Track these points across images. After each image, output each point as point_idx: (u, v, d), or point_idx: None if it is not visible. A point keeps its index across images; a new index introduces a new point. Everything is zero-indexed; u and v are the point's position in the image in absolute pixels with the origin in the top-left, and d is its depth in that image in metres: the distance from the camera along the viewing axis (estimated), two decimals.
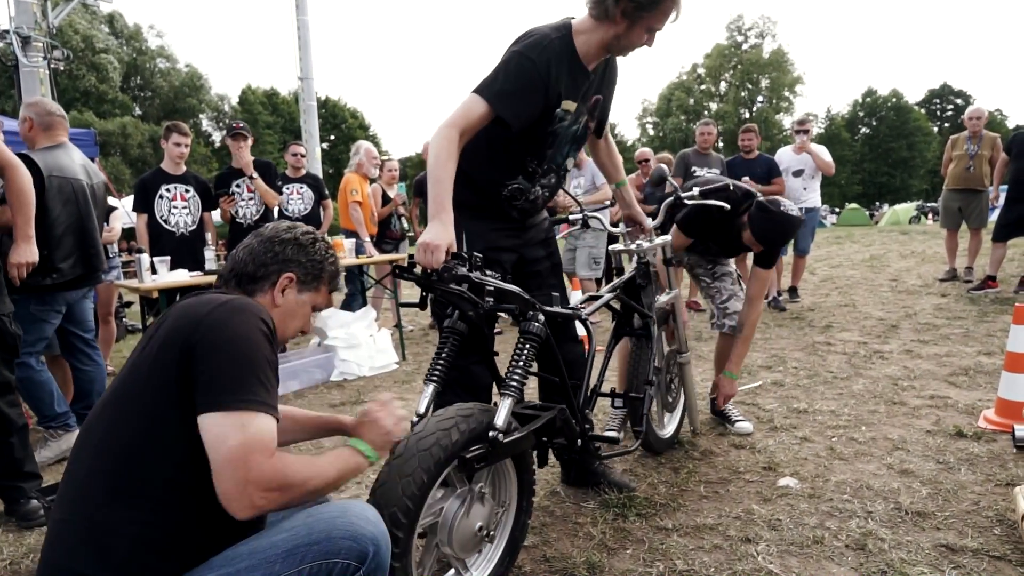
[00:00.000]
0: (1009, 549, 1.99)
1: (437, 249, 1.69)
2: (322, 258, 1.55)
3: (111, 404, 1.28)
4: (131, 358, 1.33)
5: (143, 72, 39.64)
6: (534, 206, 2.21)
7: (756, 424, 3.21)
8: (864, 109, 52.45)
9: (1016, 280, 6.30)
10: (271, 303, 1.47)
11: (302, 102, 10.63)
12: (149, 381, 1.24)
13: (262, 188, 4.93)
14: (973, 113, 6.75)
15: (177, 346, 1.23)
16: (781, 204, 2.73)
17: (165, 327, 1.30)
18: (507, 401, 1.75)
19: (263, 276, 1.48)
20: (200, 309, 1.28)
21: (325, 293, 1.59)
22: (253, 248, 1.50)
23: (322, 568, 1.20)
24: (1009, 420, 2.92)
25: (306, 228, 1.57)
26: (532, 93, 1.92)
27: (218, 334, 1.23)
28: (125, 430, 1.22)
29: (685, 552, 2.09)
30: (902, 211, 26.17)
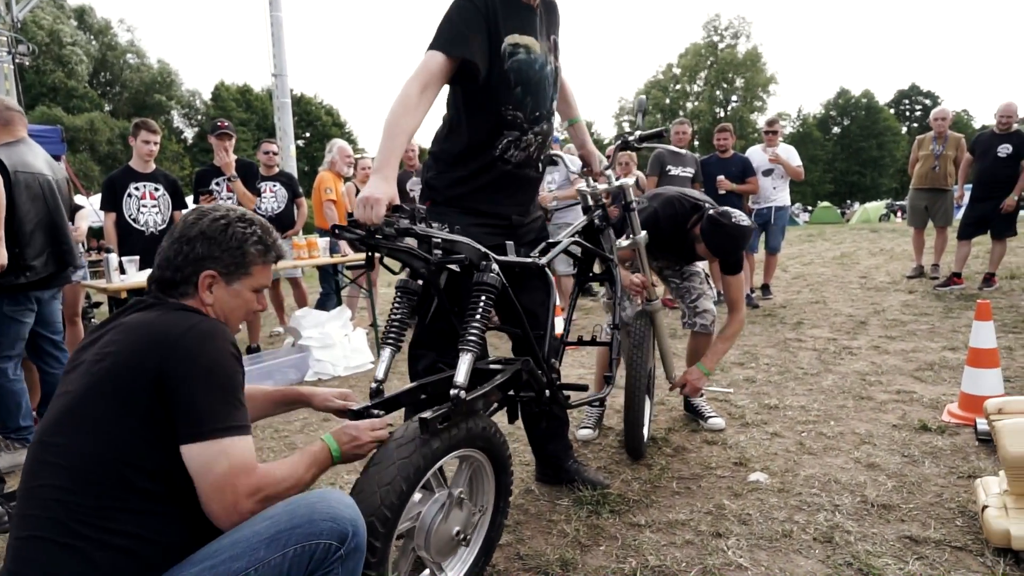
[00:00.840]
0: (970, 540, 2.05)
1: (377, 203, 1.63)
2: (240, 242, 1.44)
3: (68, 421, 1.25)
4: (80, 369, 1.30)
5: (112, 67, 38.82)
6: (528, 157, 2.15)
7: (728, 420, 3.25)
8: (836, 109, 53.32)
9: (980, 277, 6.47)
10: (200, 304, 1.42)
11: (276, 99, 10.50)
12: (116, 401, 1.22)
13: (239, 190, 4.87)
14: (938, 114, 6.91)
15: (147, 374, 1.23)
16: (732, 216, 2.74)
17: (125, 346, 1.27)
18: (466, 356, 1.71)
19: (182, 280, 1.41)
20: (166, 333, 1.27)
21: (261, 272, 1.49)
22: (165, 252, 1.43)
23: (305, 550, 1.24)
24: (971, 414, 2.99)
25: (215, 215, 1.45)
26: (477, 31, 1.92)
27: (193, 365, 1.24)
28: (92, 448, 1.21)
29: (657, 548, 2.12)
30: (872, 209, 26.68)
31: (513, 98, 2.04)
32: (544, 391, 2.05)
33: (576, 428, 3.19)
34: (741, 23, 53.24)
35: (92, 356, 1.30)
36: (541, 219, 2.40)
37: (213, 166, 4.97)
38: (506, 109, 2.04)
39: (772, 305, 6.42)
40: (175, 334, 1.26)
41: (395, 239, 1.63)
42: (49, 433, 1.26)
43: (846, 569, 1.94)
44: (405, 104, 1.83)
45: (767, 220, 6.51)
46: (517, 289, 2.12)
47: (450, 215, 2.05)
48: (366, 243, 1.63)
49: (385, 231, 1.60)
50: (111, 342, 1.29)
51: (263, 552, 1.21)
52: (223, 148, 4.84)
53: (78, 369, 1.31)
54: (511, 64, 2.00)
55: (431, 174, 2.16)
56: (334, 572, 1.29)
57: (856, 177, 50.71)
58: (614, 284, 2.64)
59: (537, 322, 2.16)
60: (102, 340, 1.33)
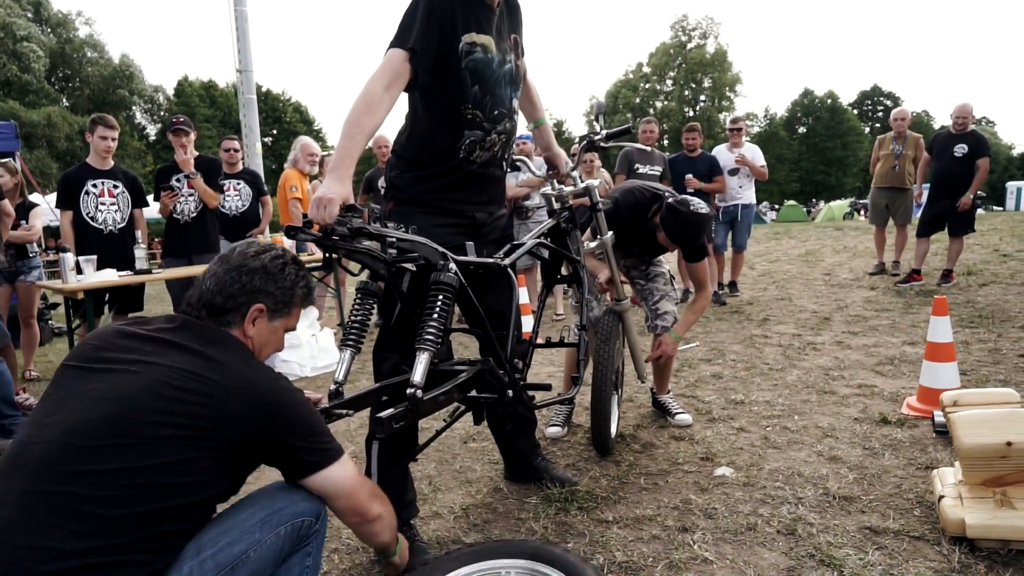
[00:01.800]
0: (927, 529, 2.10)
1: (331, 203, 1.62)
2: (292, 284, 1.52)
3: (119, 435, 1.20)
4: (123, 375, 1.27)
5: (71, 62, 37.68)
6: (493, 157, 2.14)
7: (695, 416, 3.28)
8: (801, 109, 54.33)
9: (939, 273, 6.65)
10: (242, 335, 1.47)
11: (241, 95, 10.27)
12: (192, 437, 1.24)
13: (200, 187, 4.75)
14: (898, 114, 7.08)
15: (244, 426, 1.29)
16: (690, 204, 2.75)
17: (219, 392, 1.28)
18: (423, 356, 1.69)
19: (232, 308, 1.45)
20: (264, 392, 1.33)
21: (296, 314, 1.59)
22: (220, 277, 1.46)
23: (293, 527, 1.38)
24: (929, 407, 3.07)
25: (275, 252, 1.53)
26: (431, 24, 1.90)
27: (287, 420, 1.34)
28: (148, 473, 1.20)
29: (624, 543, 2.13)
30: (837, 208, 27.28)
31: (471, 97, 2.02)
32: (507, 391, 2.04)
33: (545, 426, 3.20)
34: (709, 23, 53.85)
35: (160, 374, 1.27)
36: (505, 217, 2.38)
37: (175, 162, 4.85)
38: (465, 108, 2.02)
39: (739, 302, 6.51)
40: (271, 394, 1.34)
41: (350, 239, 1.60)
42: (86, 436, 1.19)
43: (808, 560, 1.97)
44: (368, 102, 1.80)
45: (734, 218, 6.59)
46: (482, 289, 2.10)
47: (414, 215, 2.03)
48: (323, 244, 1.60)
49: (338, 230, 1.58)
50: (192, 375, 1.28)
51: (259, 534, 1.32)
52: (180, 145, 4.72)
53: (116, 374, 1.27)
54: (468, 63, 1.98)
55: (394, 173, 2.14)
56: (312, 543, 1.45)
57: (821, 176, 51.75)
58: (581, 285, 2.64)
59: (503, 322, 2.15)
60: (162, 357, 1.30)
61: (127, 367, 1.29)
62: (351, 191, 1.71)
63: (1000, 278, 6.62)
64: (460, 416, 2.23)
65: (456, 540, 2.22)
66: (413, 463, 2.53)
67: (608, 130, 2.70)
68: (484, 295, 2.16)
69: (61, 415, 1.24)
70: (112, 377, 1.27)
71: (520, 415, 2.52)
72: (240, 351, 1.41)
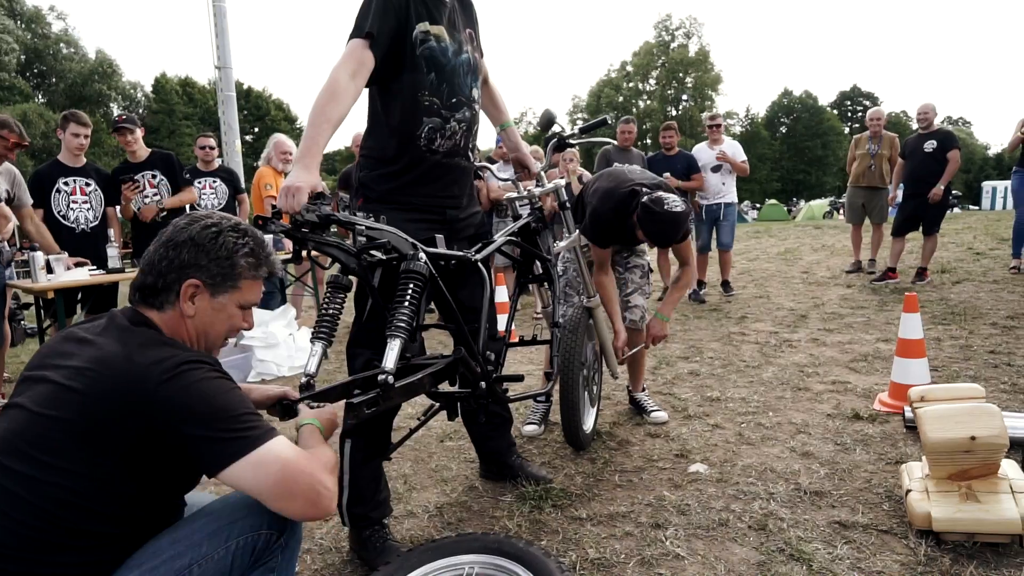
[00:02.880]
0: (895, 523, 2.13)
1: (299, 191, 1.62)
2: (229, 252, 1.35)
3: (28, 446, 1.16)
4: (45, 386, 1.21)
5: (45, 57, 37.01)
6: (456, 146, 2.15)
7: (671, 413, 3.30)
8: (782, 109, 54.87)
9: (914, 271, 6.74)
10: (179, 316, 1.33)
11: (220, 92, 10.18)
12: (88, 444, 1.15)
13: (174, 202, 4.65)
14: (873, 115, 7.18)
15: (130, 420, 1.16)
16: (664, 202, 2.73)
17: (94, 389, 1.17)
18: (394, 343, 1.68)
19: (164, 287, 1.32)
20: (141, 378, 1.18)
21: (250, 287, 1.40)
22: (150, 255, 1.34)
23: (248, 541, 1.25)
24: (900, 402, 3.11)
25: (207, 222, 1.36)
26: (387, 13, 1.94)
27: (186, 410, 1.17)
28: (55, 487, 1.14)
29: (597, 540, 2.13)
30: (816, 207, 27.56)
31: (428, 84, 2.05)
32: (479, 383, 2.04)
33: (522, 424, 3.20)
34: (692, 23, 54.28)
35: (62, 377, 1.20)
36: (480, 215, 2.38)
37: (128, 163, 4.72)
38: (422, 95, 2.05)
39: (718, 300, 6.56)
40: (152, 382, 1.17)
41: (318, 227, 1.59)
42: (3, 452, 1.17)
43: (778, 555, 1.99)
44: (333, 91, 1.81)
45: (717, 217, 6.62)
46: (456, 286, 2.11)
47: (385, 212, 2.02)
48: (292, 236, 1.59)
49: (306, 217, 1.56)
50: (80, 373, 1.19)
51: (205, 547, 1.20)
52: (126, 143, 4.61)
53: (43, 384, 1.21)
54: (422, 51, 2.02)
55: (363, 173, 2.15)
56: (274, 562, 1.30)
57: (802, 175, 52.32)
58: (552, 284, 2.65)
59: (476, 317, 2.15)
60: (75, 359, 1.22)
61: (46, 373, 1.23)
62: (319, 179, 1.71)
63: (973, 276, 6.73)
64: (434, 414, 2.22)
65: (430, 539, 2.21)
66: (388, 462, 2.53)
67: (582, 124, 2.73)
68: (458, 292, 2.16)
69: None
70: (37, 387, 1.23)
71: (496, 412, 2.52)
72: (139, 336, 1.26)
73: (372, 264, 1.73)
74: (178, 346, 1.29)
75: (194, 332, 1.35)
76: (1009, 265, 6.86)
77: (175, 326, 1.33)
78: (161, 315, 1.33)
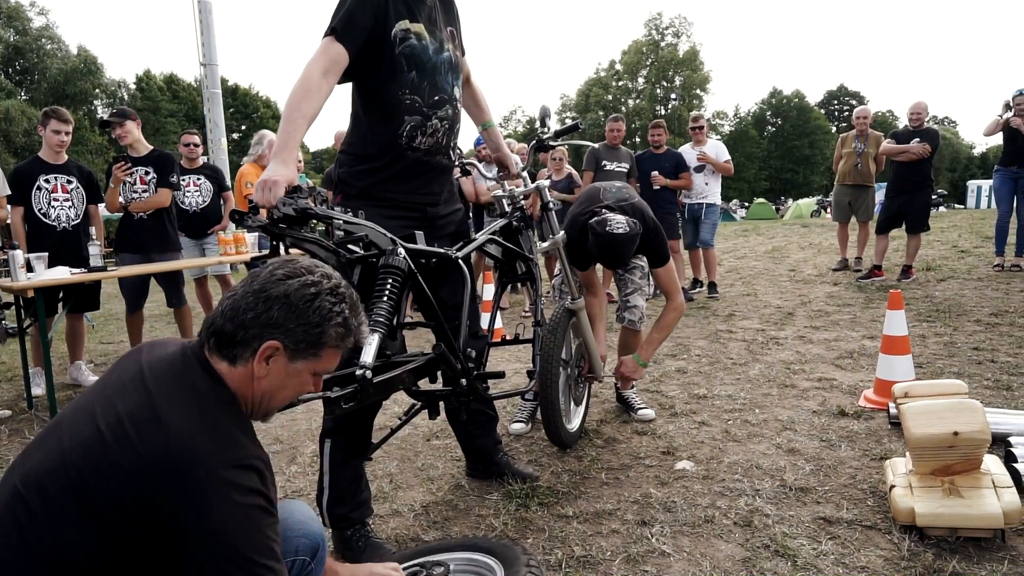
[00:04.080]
0: (879, 519, 2.14)
1: (275, 185, 1.61)
2: (322, 319, 1.21)
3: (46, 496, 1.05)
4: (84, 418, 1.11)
5: (26, 54, 36.50)
6: (437, 143, 2.15)
7: (658, 410, 3.30)
8: (771, 108, 55.17)
9: (899, 269, 6.79)
10: (249, 376, 1.19)
11: (205, 89, 10.12)
12: (94, 523, 1.03)
13: (141, 206, 4.59)
14: (860, 113, 7.22)
15: (140, 505, 1.02)
16: (607, 224, 2.68)
17: (123, 450, 1.04)
18: (373, 338, 1.67)
19: (242, 341, 1.18)
20: (187, 463, 1.04)
21: (331, 356, 1.26)
22: (236, 301, 1.20)
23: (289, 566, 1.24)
24: (885, 399, 3.13)
25: (308, 279, 1.21)
26: (363, 9, 1.94)
27: (208, 529, 1.02)
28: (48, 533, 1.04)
29: (584, 538, 2.12)
30: (804, 205, 27.73)
31: (409, 83, 2.04)
32: (459, 379, 2.03)
33: (509, 422, 3.19)
34: (682, 22, 54.46)
35: (106, 425, 1.08)
36: (461, 212, 2.39)
37: (126, 155, 4.68)
38: (403, 94, 2.04)
39: (706, 298, 6.57)
40: (198, 473, 1.02)
41: (296, 222, 1.58)
42: (28, 486, 1.06)
43: (763, 551, 1.99)
44: (306, 88, 1.82)
45: (697, 216, 6.63)
46: (438, 284, 2.10)
47: (365, 209, 2.02)
48: (270, 231, 1.57)
49: (282, 211, 1.55)
50: (122, 430, 1.06)
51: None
52: (120, 136, 4.56)
53: (81, 413, 1.11)
54: (403, 49, 2.01)
55: (342, 170, 2.15)
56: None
57: (790, 174, 52.62)
58: (535, 283, 2.64)
59: (457, 314, 2.14)
60: (128, 400, 1.11)
61: (94, 406, 1.12)
62: (296, 174, 1.70)
63: (958, 274, 6.79)
64: (416, 414, 2.21)
65: (415, 538, 2.20)
66: (372, 462, 2.51)
67: (557, 128, 2.73)
68: (440, 289, 2.15)
69: (32, 449, 1.14)
70: (78, 417, 1.13)
71: (481, 411, 2.51)
72: (208, 408, 1.12)
73: (352, 260, 1.72)
74: (245, 429, 1.17)
75: (259, 394, 1.23)
76: (993, 263, 6.93)
77: (242, 385, 1.21)
78: (231, 369, 1.20)
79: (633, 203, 2.92)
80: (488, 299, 4.98)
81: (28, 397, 4.10)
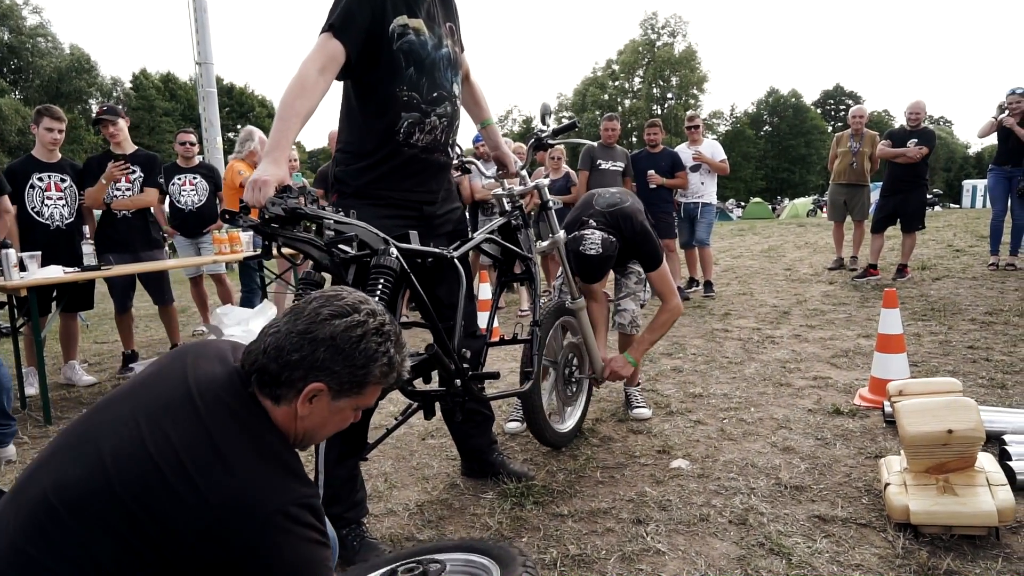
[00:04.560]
0: (874, 517, 2.14)
1: (266, 185, 1.60)
2: (367, 360, 1.20)
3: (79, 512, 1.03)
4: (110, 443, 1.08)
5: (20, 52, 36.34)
6: (435, 140, 2.13)
7: (654, 409, 3.30)
8: (767, 108, 55.27)
9: (895, 268, 6.81)
10: (292, 415, 1.19)
11: (201, 88, 10.09)
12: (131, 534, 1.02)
13: (126, 204, 4.55)
14: (855, 112, 7.22)
15: (204, 543, 1.03)
16: (581, 242, 2.73)
17: (179, 484, 1.03)
18: None
19: (286, 382, 1.16)
20: (250, 509, 1.05)
21: (373, 392, 1.26)
22: (280, 340, 1.18)
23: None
24: (880, 397, 3.13)
25: (354, 319, 1.19)
26: (361, 6, 1.92)
27: (275, 567, 1.06)
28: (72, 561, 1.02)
29: (579, 537, 2.12)
30: (800, 205, 27.82)
31: (407, 79, 2.02)
32: (454, 380, 2.02)
33: (505, 421, 3.18)
34: (678, 22, 54.52)
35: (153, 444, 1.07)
36: (459, 211, 2.37)
37: (108, 152, 4.63)
38: (400, 90, 2.03)
39: (702, 297, 6.58)
40: (266, 514, 1.04)
41: (287, 222, 1.56)
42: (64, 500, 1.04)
43: (758, 550, 1.99)
44: (302, 85, 1.80)
45: (693, 215, 6.63)
46: (434, 283, 2.09)
47: (360, 207, 2.00)
48: (261, 231, 1.56)
49: (271, 211, 1.54)
50: (178, 462, 1.05)
51: None
52: (110, 134, 4.52)
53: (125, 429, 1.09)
54: (401, 45, 1.99)
55: (339, 168, 2.13)
56: None
57: (786, 174, 52.72)
58: (533, 283, 2.63)
59: (452, 314, 2.13)
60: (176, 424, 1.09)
61: (137, 420, 1.10)
62: (287, 173, 1.69)
63: (953, 272, 6.81)
64: (411, 414, 2.20)
65: (410, 537, 2.19)
66: (367, 461, 2.50)
67: (556, 126, 2.72)
68: (436, 289, 2.14)
69: (63, 455, 1.10)
70: (120, 431, 1.10)
71: (476, 410, 2.50)
72: (257, 446, 1.12)
73: (345, 260, 1.71)
74: (298, 466, 1.17)
75: (302, 431, 1.22)
76: (988, 262, 6.95)
77: (286, 422, 1.20)
78: (275, 408, 1.18)
79: (622, 208, 2.92)
80: (484, 298, 4.97)
81: (22, 397, 4.08)
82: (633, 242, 2.89)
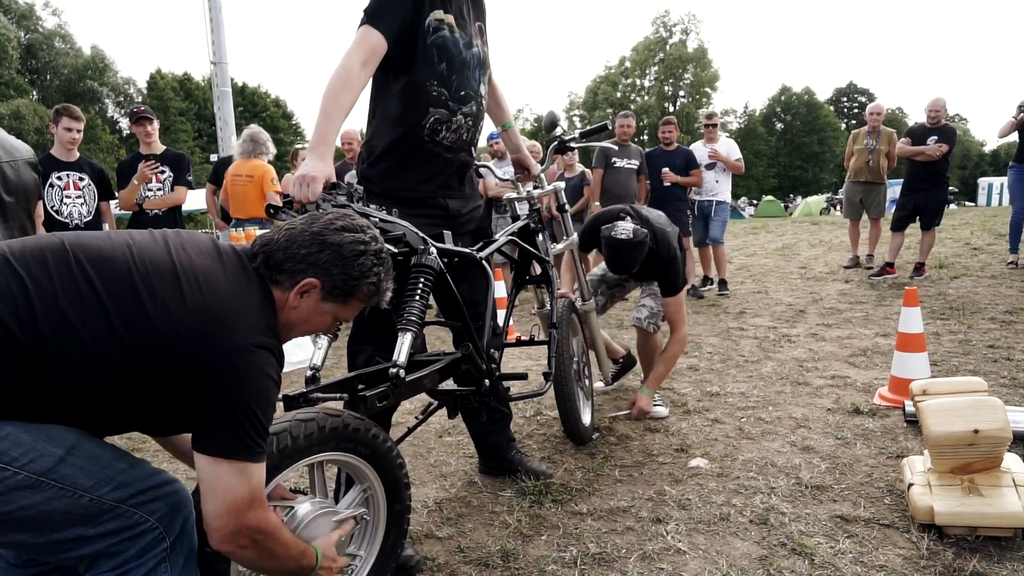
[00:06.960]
0: (897, 517, 2.12)
1: (314, 181, 1.61)
2: (360, 274, 1.37)
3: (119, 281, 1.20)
4: (139, 246, 1.26)
5: (39, 53, 36.76)
6: (460, 139, 2.14)
7: (671, 408, 3.29)
8: (780, 105, 54.83)
9: (911, 266, 6.73)
10: (284, 302, 1.35)
11: (216, 88, 10.11)
12: (115, 327, 1.17)
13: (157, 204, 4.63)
14: (873, 109, 7.15)
15: (186, 362, 1.20)
16: (613, 229, 2.72)
17: (184, 295, 1.21)
18: (406, 336, 1.68)
19: (288, 271, 1.34)
20: (230, 330, 1.22)
21: (354, 307, 1.43)
22: (293, 236, 1.36)
23: (123, 523, 1.22)
24: (901, 396, 3.10)
25: (361, 236, 1.38)
26: (402, 5, 1.93)
27: (235, 387, 1.21)
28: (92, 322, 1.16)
29: (598, 535, 2.12)
30: (814, 203, 27.59)
31: (437, 74, 2.03)
32: (483, 380, 2.02)
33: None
34: (691, 20, 54.13)
35: (179, 263, 1.25)
36: (481, 209, 2.37)
37: (139, 154, 4.73)
38: (431, 84, 2.03)
39: (716, 295, 6.54)
40: (224, 346, 1.21)
41: None
42: (95, 265, 1.20)
43: (780, 549, 1.97)
44: (345, 79, 1.80)
45: (707, 213, 6.59)
46: (458, 280, 2.09)
47: (388, 206, 2.00)
48: None
49: (322, 207, 1.56)
50: (188, 281, 1.23)
51: (89, 495, 1.16)
52: (144, 134, 4.62)
53: (157, 249, 1.27)
54: (435, 39, 2.00)
55: (365, 165, 2.13)
56: (140, 565, 1.24)
57: (799, 172, 52.29)
58: (550, 285, 2.63)
59: (477, 312, 2.13)
60: (198, 256, 1.28)
61: (168, 241, 1.30)
62: (333, 169, 1.69)
63: (971, 271, 6.72)
64: (433, 412, 2.21)
65: (429, 534, 2.20)
66: None
67: (582, 129, 2.73)
68: (459, 286, 2.14)
69: (93, 238, 1.27)
70: (145, 238, 1.29)
71: (495, 408, 2.50)
72: (260, 297, 1.31)
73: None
74: (274, 332, 1.33)
75: (285, 320, 1.36)
76: (1007, 260, 6.85)
77: (277, 307, 1.36)
78: (272, 290, 1.35)
79: (664, 228, 2.95)
80: (499, 296, 4.97)
81: None
82: (661, 262, 2.93)
